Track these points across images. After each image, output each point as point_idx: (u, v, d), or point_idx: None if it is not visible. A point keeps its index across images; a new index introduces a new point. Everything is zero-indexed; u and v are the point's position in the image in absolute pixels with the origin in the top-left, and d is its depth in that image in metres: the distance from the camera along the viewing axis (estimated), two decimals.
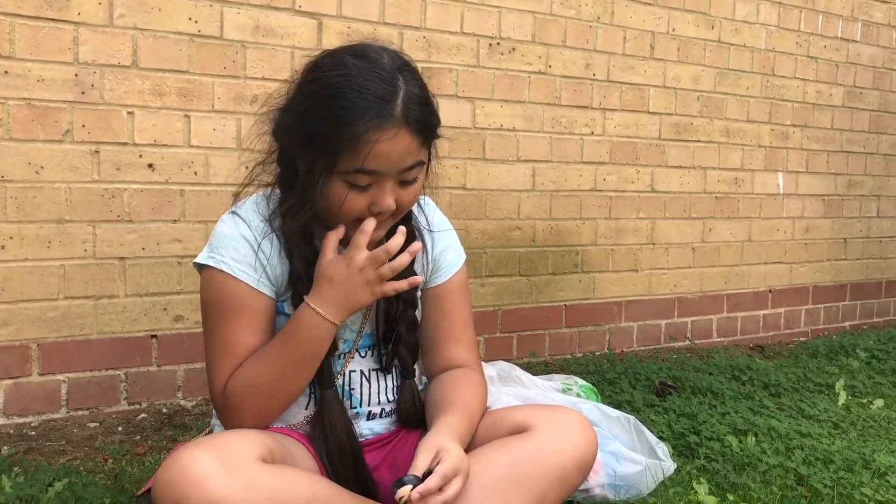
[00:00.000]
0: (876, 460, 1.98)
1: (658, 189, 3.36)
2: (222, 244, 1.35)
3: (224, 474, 1.15)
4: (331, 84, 1.27)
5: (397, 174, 1.29)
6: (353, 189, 1.28)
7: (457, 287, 1.52)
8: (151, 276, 2.32)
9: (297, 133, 1.31)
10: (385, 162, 1.26)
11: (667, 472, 1.82)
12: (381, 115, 1.24)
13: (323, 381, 1.37)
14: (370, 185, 1.28)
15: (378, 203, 1.29)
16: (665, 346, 3.45)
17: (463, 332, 1.52)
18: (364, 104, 1.24)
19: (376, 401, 1.47)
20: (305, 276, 1.36)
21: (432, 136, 1.34)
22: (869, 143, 4.09)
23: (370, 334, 1.47)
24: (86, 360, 2.25)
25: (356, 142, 1.23)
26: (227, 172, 2.39)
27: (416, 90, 1.29)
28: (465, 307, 1.53)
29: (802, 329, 3.97)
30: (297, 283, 1.36)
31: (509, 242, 3.00)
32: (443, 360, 1.50)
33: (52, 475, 1.75)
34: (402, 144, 1.26)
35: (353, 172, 1.26)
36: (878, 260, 4.25)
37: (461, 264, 1.54)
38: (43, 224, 2.17)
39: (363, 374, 1.45)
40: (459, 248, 1.56)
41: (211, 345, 1.36)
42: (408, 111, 1.26)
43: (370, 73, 1.26)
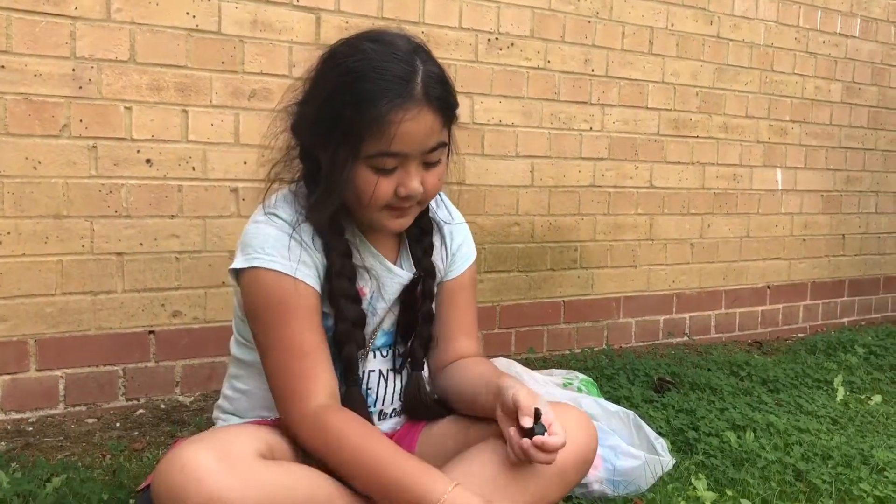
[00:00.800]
0: (874, 456, 1.98)
1: (657, 185, 3.36)
2: (266, 243, 1.32)
3: (223, 470, 1.14)
4: (350, 69, 1.27)
5: (421, 155, 1.29)
6: (378, 173, 1.28)
7: (470, 281, 1.55)
8: (149, 272, 2.31)
9: (319, 123, 1.30)
10: (410, 142, 1.26)
11: (665, 468, 1.82)
12: (403, 95, 1.24)
13: (350, 378, 1.37)
14: (395, 169, 1.28)
15: (405, 185, 1.29)
16: (663, 342, 3.45)
17: (473, 325, 1.56)
18: (385, 85, 1.24)
19: (390, 401, 1.48)
20: (343, 272, 1.35)
21: (452, 115, 1.34)
22: (867, 139, 4.08)
23: (390, 332, 1.47)
24: (83, 355, 2.24)
25: (380, 123, 1.23)
26: (225, 168, 2.38)
27: (435, 69, 1.30)
28: (473, 302, 1.57)
29: (801, 325, 3.97)
30: (336, 279, 1.35)
31: (508, 238, 3.00)
32: (454, 351, 1.51)
33: (50, 471, 1.75)
34: (425, 123, 1.26)
35: (379, 156, 1.26)
36: (876, 256, 4.25)
37: (474, 258, 1.57)
38: (40, 219, 2.16)
39: (381, 374, 1.46)
40: (472, 243, 1.58)
41: (276, 351, 1.31)
42: (428, 89, 1.26)
43: (388, 55, 1.27)
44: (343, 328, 1.35)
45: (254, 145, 2.41)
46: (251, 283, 1.32)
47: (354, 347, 1.37)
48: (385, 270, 1.44)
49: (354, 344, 1.37)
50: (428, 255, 1.48)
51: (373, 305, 1.43)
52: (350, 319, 1.36)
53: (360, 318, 1.38)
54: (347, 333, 1.36)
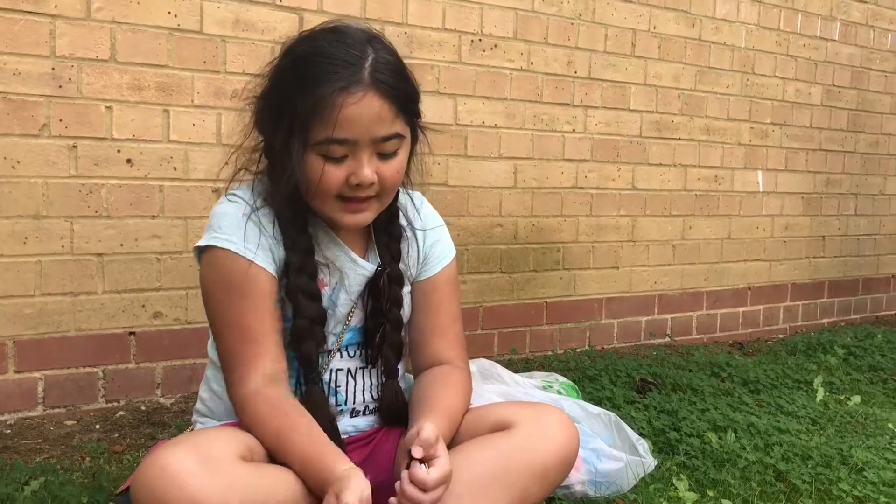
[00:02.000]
0: (853, 456, 2.00)
1: (639, 186, 3.37)
2: (224, 223, 1.31)
3: (204, 473, 1.13)
4: (299, 55, 1.28)
5: (372, 143, 1.27)
6: (328, 161, 1.26)
7: (445, 281, 1.51)
8: (130, 273, 2.29)
9: (271, 111, 1.30)
10: (355, 127, 1.24)
11: (647, 469, 1.83)
12: (347, 78, 1.23)
13: (310, 376, 1.35)
14: (346, 157, 1.27)
15: (356, 174, 1.27)
16: (645, 343, 3.46)
17: (450, 327, 1.50)
18: (330, 69, 1.23)
19: (360, 399, 1.46)
20: (303, 269, 1.34)
21: (409, 106, 1.31)
22: (847, 141, 4.12)
23: (358, 329, 1.46)
24: (63, 357, 2.22)
25: (324, 107, 1.22)
26: (206, 168, 2.37)
27: (388, 57, 1.28)
28: (453, 302, 1.52)
29: (781, 326, 4.00)
30: (295, 275, 1.33)
31: (491, 239, 3.00)
32: (429, 355, 1.48)
33: (29, 474, 1.73)
34: (371, 108, 1.24)
35: (326, 143, 1.25)
36: (855, 258, 4.29)
37: (451, 259, 1.53)
38: (19, 219, 2.14)
39: (349, 372, 1.45)
40: (450, 243, 1.54)
41: (225, 331, 1.31)
42: (376, 74, 1.24)
43: (337, 43, 1.26)
44: (301, 324, 1.34)
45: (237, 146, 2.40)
46: (207, 261, 1.33)
47: (313, 345, 1.35)
48: (349, 262, 1.41)
49: (313, 341, 1.35)
50: (396, 260, 1.46)
51: (333, 299, 1.40)
52: (308, 317, 1.34)
53: (320, 316, 1.36)
54: (306, 330, 1.34)
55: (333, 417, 1.40)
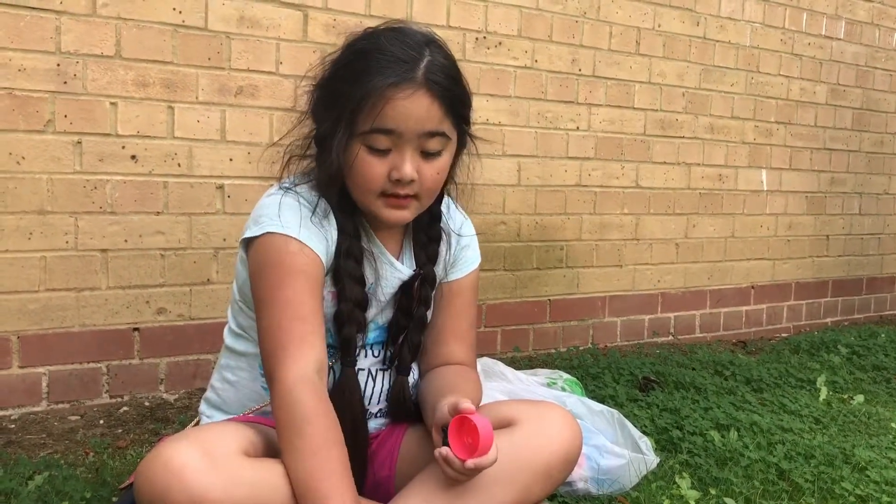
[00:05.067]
0: (856, 455, 2.00)
1: (642, 185, 3.37)
2: (273, 211, 1.31)
3: (207, 468, 1.14)
4: (357, 49, 1.31)
5: (417, 139, 1.28)
6: (372, 153, 1.28)
7: (470, 286, 1.55)
8: (134, 269, 2.30)
9: (323, 100, 1.34)
10: (401, 120, 1.26)
11: (650, 466, 1.83)
12: (400, 74, 1.25)
13: (346, 359, 1.37)
14: (390, 151, 1.29)
15: (397, 168, 1.29)
16: (648, 342, 3.46)
17: (468, 331, 1.54)
18: (385, 63, 1.26)
19: (376, 401, 1.47)
20: (351, 253, 1.36)
21: (458, 108, 1.33)
22: (851, 140, 4.12)
23: (384, 328, 1.46)
24: (67, 352, 2.23)
25: (373, 97, 1.25)
26: (210, 164, 2.37)
27: (444, 60, 1.31)
28: (473, 308, 1.56)
29: (784, 325, 3.99)
30: (343, 258, 1.35)
31: (494, 237, 3.00)
32: (443, 354, 1.50)
33: (33, 468, 1.73)
34: (420, 105, 1.26)
35: (372, 132, 1.27)
36: (859, 257, 4.28)
37: (477, 265, 1.57)
38: (24, 215, 2.15)
39: (370, 373, 1.46)
40: (477, 250, 1.59)
41: (275, 310, 1.27)
42: (429, 75, 1.27)
43: (397, 41, 1.29)
44: (346, 308, 1.35)
45: (240, 142, 2.40)
46: (260, 246, 1.31)
47: (355, 329, 1.36)
48: (387, 263, 1.44)
49: (355, 324, 1.36)
50: (432, 262, 1.48)
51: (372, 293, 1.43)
52: (352, 300, 1.36)
53: (363, 301, 1.38)
54: (349, 314, 1.36)
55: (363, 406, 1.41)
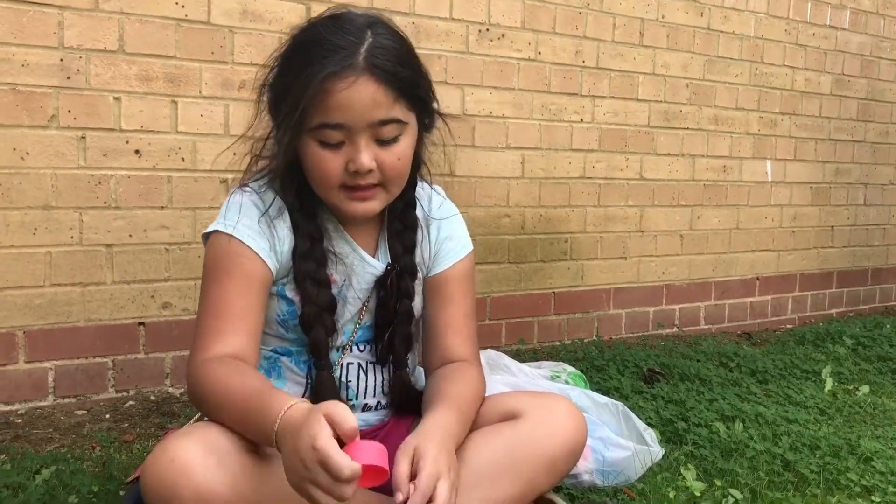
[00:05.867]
0: (861, 446, 2.00)
1: (647, 177, 3.36)
2: (230, 211, 1.32)
3: (213, 464, 1.14)
4: (297, 42, 1.29)
5: (368, 129, 1.25)
6: (325, 148, 1.26)
7: (458, 276, 1.48)
8: (139, 264, 2.30)
9: (273, 98, 1.31)
10: (348, 112, 1.22)
11: (655, 458, 1.83)
12: (339, 62, 1.21)
13: (320, 363, 1.35)
14: (343, 144, 1.26)
15: (353, 160, 1.25)
16: (653, 334, 3.46)
17: (463, 323, 1.46)
18: (324, 54, 1.22)
19: (372, 393, 1.45)
20: (310, 255, 1.34)
21: (412, 91, 1.29)
22: (856, 131, 4.10)
23: (369, 327, 1.46)
24: (73, 347, 2.23)
25: (317, 92, 1.21)
26: (214, 159, 2.37)
27: (387, 41, 1.26)
28: (466, 298, 1.48)
29: (789, 316, 3.99)
30: (301, 260, 1.34)
31: (498, 230, 3.00)
32: (441, 350, 1.44)
33: (40, 462, 1.74)
34: (364, 93, 1.22)
35: (320, 128, 1.24)
36: (864, 248, 4.27)
37: (464, 254, 1.50)
38: (28, 210, 2.15)
39: (360, 367, 1.44)
40: (464, 238, 1.52)
41: (201, 308, 1.30)
42: (372, 59, 1.23)
43: (335, 28, 1.26)
44: (310, 311, 1.33)
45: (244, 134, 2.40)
46: (208, 245, 1.34)
47: (322, 332, 1.34)
48: (358, 259, 1.40)
49: (322, 328, 1.34)
50: (409, 252, 1.44)
51: (343, 294, 1.40)
52: (317, 304, 1.33)
53: (329, 303, 1.35)
54: (315, 317, 1.33)
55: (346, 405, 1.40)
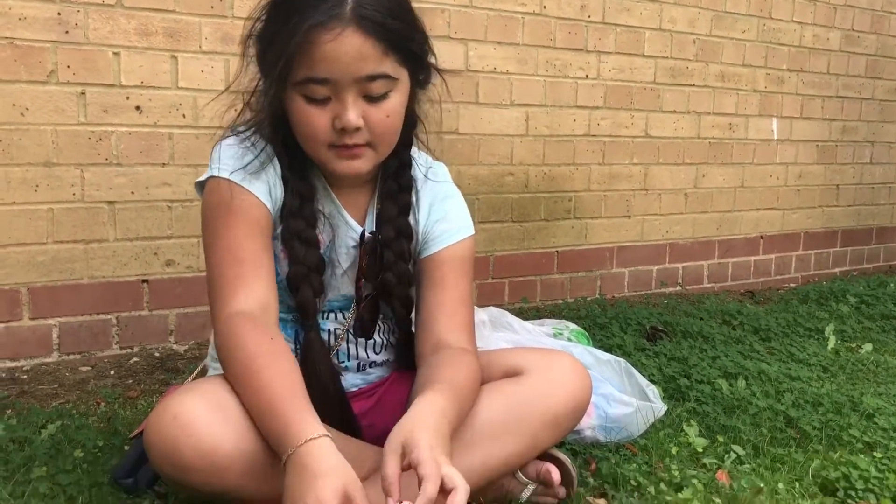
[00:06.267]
0: (864, 403, 2.00)
1: (652, 134, 3.33)
2: (224, 155, 1.29)
3: (217, 421, 1.14)
4: None
5: (355, 84, 1.20)
6: (311, 103, 1.22)
7: (451, 259, 1.41)
8: (141, 221, 2.29)
9: (260, 51, 1.27)
10: (333, 66, 1.18)
11: (657, 414, 1.83)
12: (326, 13, 1.16)
13: (308, 324, 1.32)
14: (329, 99, 1.22)
15: (339, 117, 1.21)
16: (656, 292, 3.46)
17: (456, 308, 1.38)
18: (311, 3, 1.17)
19: (365, 356, 1.44)
20: (299, 213, 1.31)
21: (404, 45, 1.23)
22: (865, 88, 4.05)
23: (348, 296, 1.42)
24: (77, 304, 2.24)
25: (303, 45, 1.17)
26: (215, 115, 2.34)
27: None
28: (460, 282, 1.40)
29: (793, 275, 3.98)
30: (290, 219, 1.31)
31: (502, 188, 2.98)
32: (433, 337, 1.36)
33: (45, 418, 1.75)
34: (350, 46, 1.17)
35: (305, 82, 1.20)
36: (869, 206, 4.25)
37: (460, 237, 1.42)
38: (30, 167, 2.14)
39: (350, 331, 1.42)
40: (460, 221, 1.44)
41: (214, 257, 1.25)
42: (359, 10, 1.17)
43: None
44: (297, 271, 1.30)
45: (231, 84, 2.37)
46: (206, 191, 1.30)
47: (310, 292, 1.31)
48: (342, 222, 1.37)
49: (310, 288, 1.31)
50: (404, 214, 1.39)
51: (328, 255, 1.36)
52: (305, 263, 1.30)
53: (317, 264, 1.32)
54: (302, 277, 1.30)
55: (336, 369, 1.38)
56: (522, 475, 1.40)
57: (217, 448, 1.13)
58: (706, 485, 1.54)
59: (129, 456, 1.47)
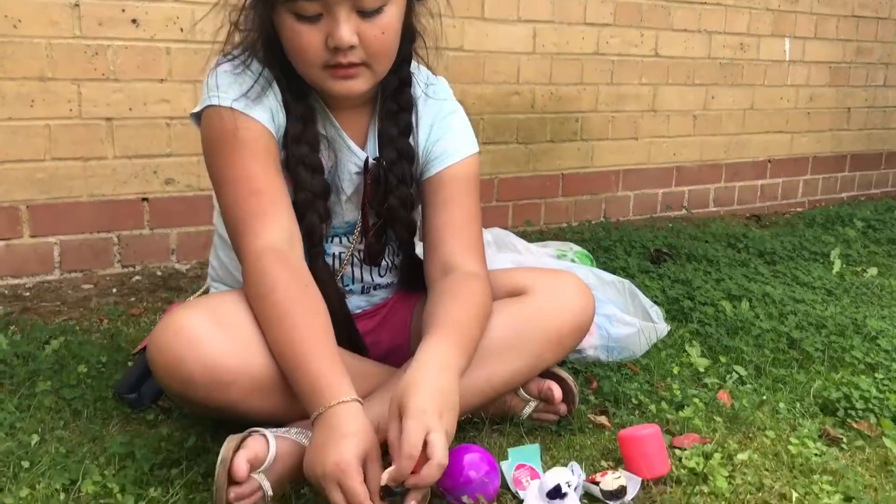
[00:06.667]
0: (867, 325, 2.00)
1: (662, 53, 3.25)
2: (222, 83, 1.24)
3: (221, 336, 1.14)
4: None
5: None
6: (301, 21, 1.16)
7: (455, 178, 1.36)
8: (140, 138, 2.25)
9: None
10: None
11: (660, 335, 1.83)
12: None
13: (314, 251, 1.30)
14: (321, 16, 1.16)
15: (332, 35, 1.16)
16: (661, 216, 3.43)
17: (463, 227, 1.35)
18: None
19: (369, 279, 1.43)
20: (303, 138, 1.27)
21: None
22: (881, 7, 3.94)
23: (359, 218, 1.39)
24: (77, 222, 2.22)
25: None
26: (214, 30, 2.28)
27: None
28: (466, 201, 1.36)
29: (799, 199, 3.95)
30: (294, 145, 1.27)
31: (507, 108, 2.92)
32: (440, 259, 1.33)
33: (49, 334, 1.75)
34: None
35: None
36: (880, 130, 4.18)
37: (464, 155, 1.38)
38: (24, 81, 2.09)
39: (355, 255, 1.40)
40: (463, 139, 1.39)
41: (230, 188, 1.22)
42: None
43: None
44: (303, 197, 1.26)
45: None
46: (204, 122, 1.26)
47: (316, 218, 1.28)
48: (344, 146, 1.33)
49: (316, 215, 1.28)
50: (404, 135, 1.35)
51: (331, 181, 1.33)
52: (311, 190, 1.27)
53: (322, 189, 1.29)
54: (307, 204, 1.27)
55: (342, 293, 1.38)
56: (524, 392, 1.41)
57: (221, 363, 1.13)
58: (707, 404, 1.54)
59: (132, 371, 1.48)
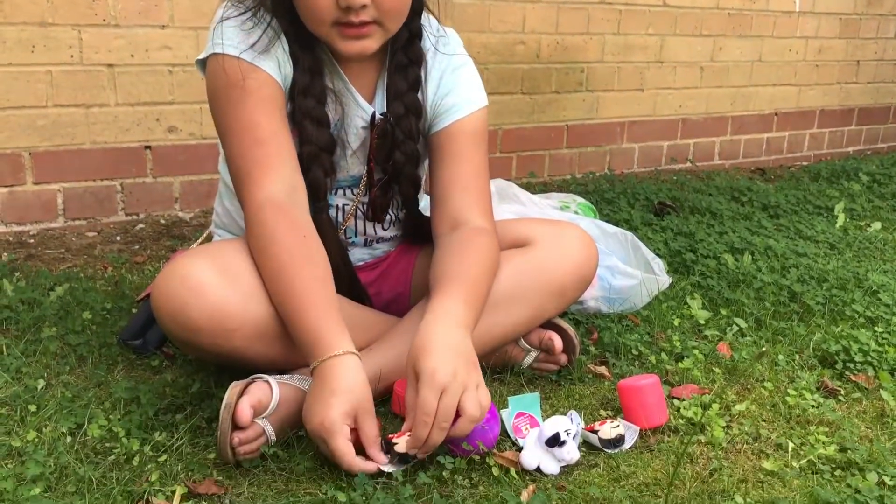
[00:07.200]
0: (869, 279, 2.01)
1: (669, 3, 3.20)
2: (229, 32, 1.23)
3: (224, 284, 1.15)
4: None
5: None
6: None
7: (463, 132, 1.35)
8: (142, 85, 2.24)
9: None
10: None
11: (661, 287, 1.84)
12: None
13: (318, 205, 1.30)
14: None
15: None
16: (666, 168, 3.42)
17: (471, 181, 1.34)
18: None
19: (373, 232, 1.43)
20: (310, 91, 1.26)
21: None
22: None
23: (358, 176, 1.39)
24: (80, 170, 2.21)
25: None
26: None
27: None
28: (474, 155, 1.36)
29: (805, 153, 3.92)
30: (300, 97, 1.26)
31: (512, 58, 2.89)
32: (448, 212, 1.33)
33: (53, 280, 1.76)
34: None
35: None
36: (889, 84, 4.13)
37: (473, 109, 1.36)
38: (25, 27, 2.07)
39: (359, 209, 1.40)
40: (471, 93, 1.38)
41: (234, 138, 1.22)
42: None
43: None
44: (308, 151, 1.26)
45: None
46: (211, 69, 1.25)
47: (321, 172, 1.28)
48: (351, 100, 1.32)
49: (321, 169, 1.28)
50: (413, 90, 1.33)
51: (337, 134, 1.32)
52: (316, 143, 1.26)
53: (328, 143, 1.28)
54: (313, 157, 1.26)
55: (344, 246, 1.39)
56: (525, 342, 1.42)
57: (225, 309, 1.14)
58: (707, 355, 1.56)
59: (137, 318, 1.49)
